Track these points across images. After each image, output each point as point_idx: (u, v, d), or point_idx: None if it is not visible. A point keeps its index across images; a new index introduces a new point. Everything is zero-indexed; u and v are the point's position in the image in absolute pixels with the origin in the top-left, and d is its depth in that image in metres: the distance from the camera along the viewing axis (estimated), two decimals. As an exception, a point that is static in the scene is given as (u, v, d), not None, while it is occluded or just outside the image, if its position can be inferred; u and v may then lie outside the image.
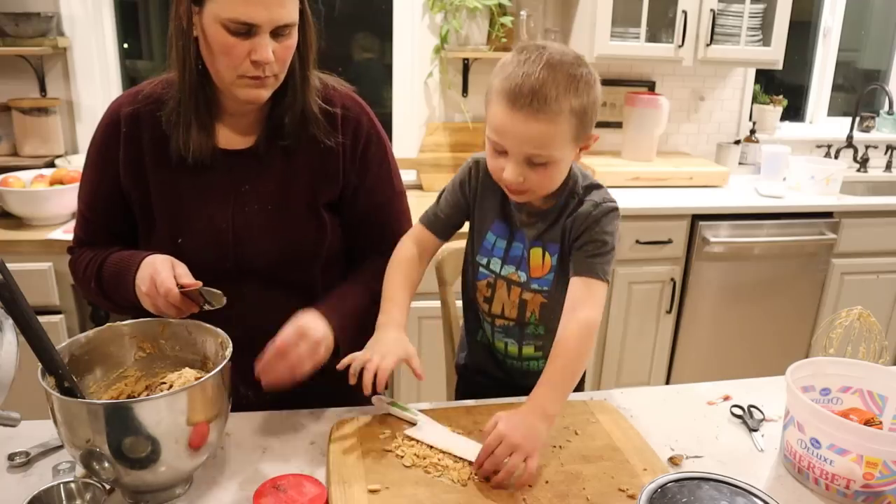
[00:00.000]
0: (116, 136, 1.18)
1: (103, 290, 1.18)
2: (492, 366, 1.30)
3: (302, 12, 1.11)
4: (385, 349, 1.06)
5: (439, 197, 1.24)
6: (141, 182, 1.18)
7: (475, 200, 1.21)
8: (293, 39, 1.11)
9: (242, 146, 1.19)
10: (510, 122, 1.01)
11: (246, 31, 1.04)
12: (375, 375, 1.03)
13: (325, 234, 1.23)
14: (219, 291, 1.04)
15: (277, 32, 1.07)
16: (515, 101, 0.99)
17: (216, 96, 1.16)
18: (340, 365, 1.05)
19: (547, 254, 1.16)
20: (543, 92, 0.98)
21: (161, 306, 1.05)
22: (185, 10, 1.07)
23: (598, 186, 1.15)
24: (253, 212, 1.18)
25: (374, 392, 1.05)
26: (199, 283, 1.05)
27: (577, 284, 1.10)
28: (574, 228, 1.12)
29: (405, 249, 1.22)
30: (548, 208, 1.15)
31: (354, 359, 1.05)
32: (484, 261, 1.20)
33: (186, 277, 1.06)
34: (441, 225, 1.23)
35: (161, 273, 1.05)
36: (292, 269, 1.22)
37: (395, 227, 1.29)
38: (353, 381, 1.04)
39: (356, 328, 1.18)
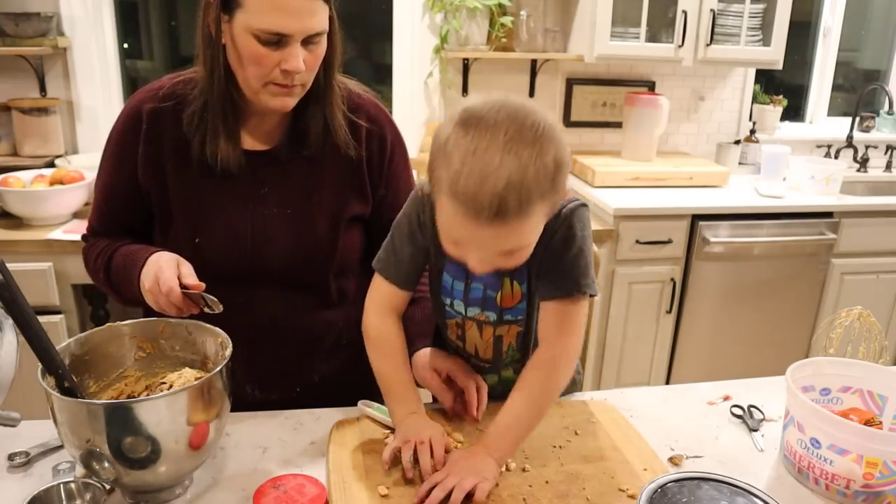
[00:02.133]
0: (137, 132, 1.16)
1: (111, 282, 1.18)
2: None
3: (330, 19, 1.10)
4: (426, 435, 0.97)
5: (392, 236, 1.08)
6: (160, 181, 1.16)
7: (431, 236, 1.02)
8: (322, 47, 1.10)
9: (263, 148, 1.19)
10: (473, 233, 0.84)
11: (277, 40, 1.04)
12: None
13: (344, 243, 1.22)
14: (215, 298, 1.02)
15: (308, 41, 1.06)
16: (478, 214, 0.81)
17: (241, 100, 1.15)
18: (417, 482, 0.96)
19: (515, 283, 1.03)
20: (510, 199, 0.80)
21: (162, 304, 1.05)
22: (213, 18, 1.06)
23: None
24: (272, 215, 1.18)
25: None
26: (202, 286, 1.04)
27: (545, 313, 1.00)
28: (538, 248, 0.95)
29: (375, 329, 1.08)
30: None
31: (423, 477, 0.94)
32: (447, 301, 1.09)
33: (191, 278, 1.05)
34: (405, 272, 1.06)
35: (165, 272, 1.04)
36: (308, 272, 1.21)
37: None
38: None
39: None
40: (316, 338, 1.26)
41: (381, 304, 1.09)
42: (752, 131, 3.17)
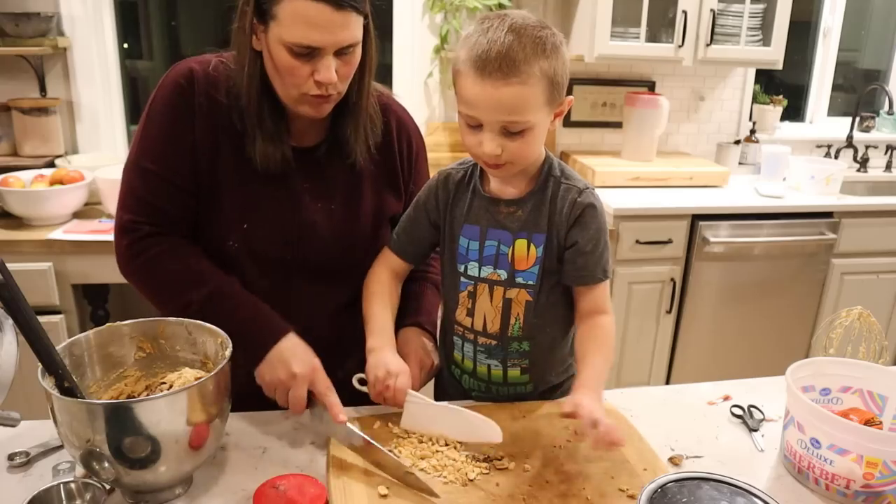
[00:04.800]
0: (190, 103, 1.13)
1: (203, 311, 1.08)
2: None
3: (365, 27, 1.10)
4: (395, 370, 1.08)
5: (407, 216, 1.22)
6: (213, 160, 1.15)
7: (445, 211, 1.17)
8: (356, 57, 1.10)
9: (306, 145, 1.20)
10: (481, 90, 0.98)
11: (309, 53, 1.04)
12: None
13: (381, 241, 1.25)
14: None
15: (341, 52, 1.06)
16: (484, 68, 0.97)
17: (281, 102, 1.14)
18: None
19: (532, 245, 1.11)
20: (511, 55, 0.96)
21: (295, 397, 1.05)
22: (248, 24, 1.07)
23: (570, 171, 1.14)
24: (317, 209, 1.19)
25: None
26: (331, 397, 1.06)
27: (579, 295, 1.12)
28: (562, 217, 1.09)
29: (379, 274, 1.22)
30: (527, 193, 1.11)
31: (373, 386, 1.09)
32: (462, 268, 1.15)
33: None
34: (406, 246, 1.21)
35: (323, 381, 1.06)
36: (346, 267, 1.23)
37: None
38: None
39: None
40: (346, 333, 1.26)
41: (388, 267, 1.22)
42: (752, 131, 3.17)
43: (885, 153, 3.27)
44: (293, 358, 1.07)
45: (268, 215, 1.17)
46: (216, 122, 1.14)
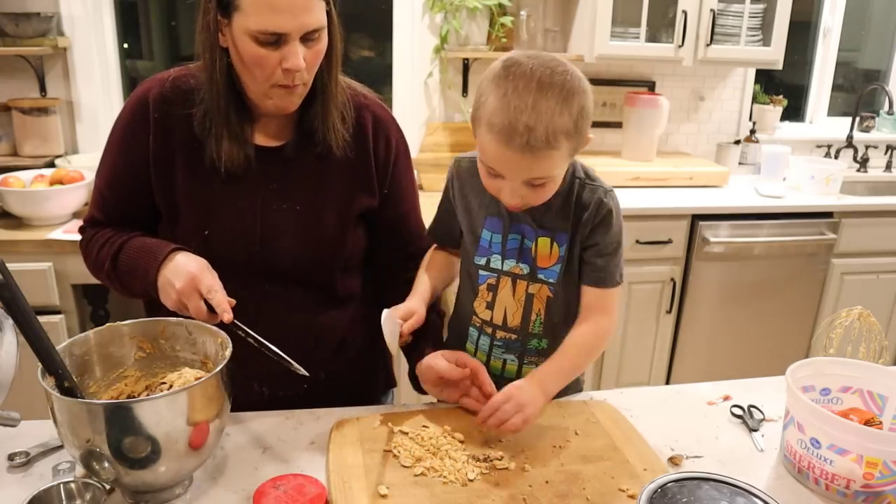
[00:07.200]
0: (145, 121, 1.15)
1: (117, 273, 1.16)
2: None
3: (329, 14, 1.10)
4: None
5: (438, 208, 1.24)
6: (168, 178, 1.16)
7: (460, 200, 1.18)
8: (322, 43, 1.10)
9: (273, 144, 1.19)
10: (505, 158, 0.97)
11: (275, 40, 1.04)
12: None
13: (350, 241, 1.24)
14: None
15: (306, 38, 1.06)
16: (510, 139, 0.94)
17: (247, 100, 1.15)
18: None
19: (555, 244, 1.12)
20: (538, 130, 0.93)
21: (192, 309, 1.04)
22: (212, 21, 1.06)
23: (593, 172, 1.15)
24: (281, 210, 1.18)
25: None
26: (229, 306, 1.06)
27: (590, 293, 1.13)
28: (586, 218, 1.10)
29: (432, 253, 1.25)
30: (554, 194, 1.10)
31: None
32: (483, 261, 1.16)
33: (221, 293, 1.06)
34: (443, 236, 1.24)
35: (206, 284, 1.05)
36: (314, 270, 1.22)
37: (415, 235, 1.31)
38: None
39: None
40: (322, 335, 1.26)
41: (441, 249, 1.26)
42: (752, 131, 3.17)
43: (885, 153, 3.27)
44: (175, 276, 1.07)
45: (228, 221, 1.17)
46: (172, 137, 1.15)
